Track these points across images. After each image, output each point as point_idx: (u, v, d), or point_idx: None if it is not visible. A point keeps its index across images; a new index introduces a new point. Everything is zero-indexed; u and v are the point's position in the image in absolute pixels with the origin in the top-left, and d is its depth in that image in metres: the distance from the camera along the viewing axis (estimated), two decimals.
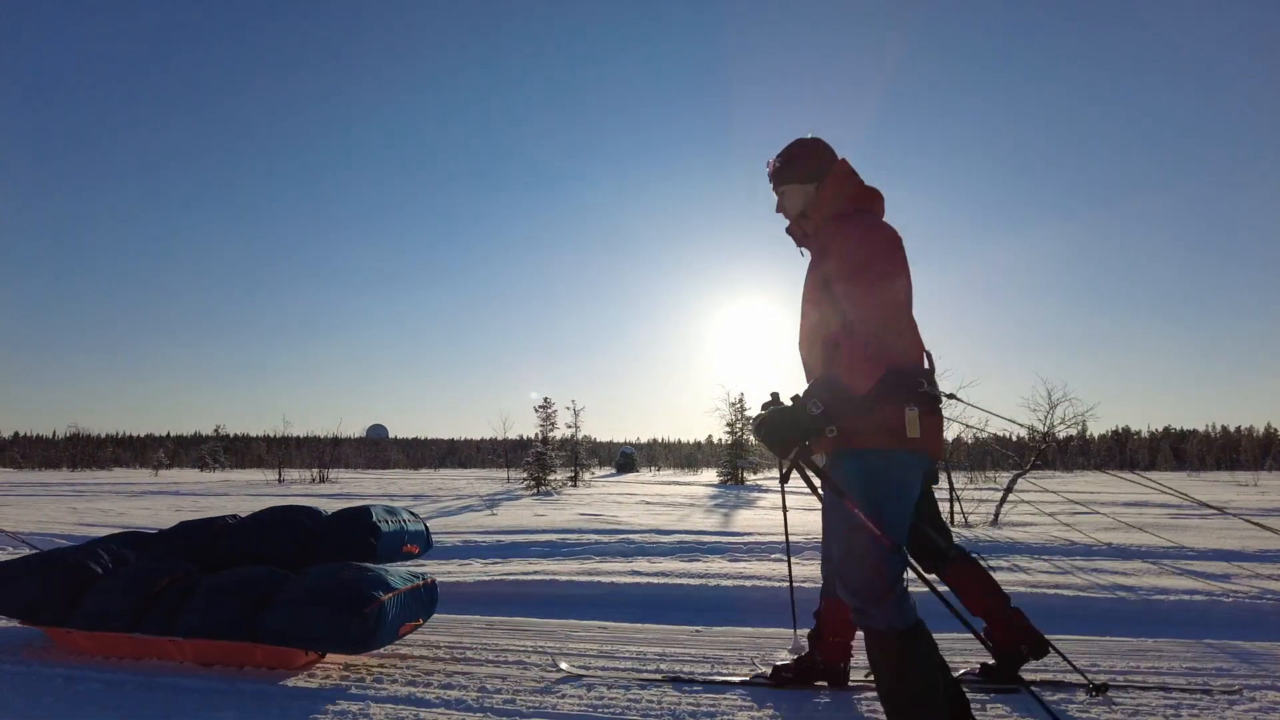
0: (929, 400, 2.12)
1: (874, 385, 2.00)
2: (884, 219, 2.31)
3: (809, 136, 2.40)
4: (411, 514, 4.15)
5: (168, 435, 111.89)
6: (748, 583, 5.37)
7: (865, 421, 2.07)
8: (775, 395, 2.34)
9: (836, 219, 2.24)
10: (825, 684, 3.11)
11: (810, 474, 2.24)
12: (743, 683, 3.12)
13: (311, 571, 3.38)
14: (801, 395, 2.10)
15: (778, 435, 2.09)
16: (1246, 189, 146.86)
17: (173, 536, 3.99)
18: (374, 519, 3.78)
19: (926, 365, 2.24)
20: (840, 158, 2.35)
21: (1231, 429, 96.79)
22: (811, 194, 2.32)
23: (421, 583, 3.56)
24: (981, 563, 3.23)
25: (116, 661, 3.35)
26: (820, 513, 2.31)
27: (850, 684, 3.10)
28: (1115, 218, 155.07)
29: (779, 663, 3.21)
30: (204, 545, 3.86)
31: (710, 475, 41.19)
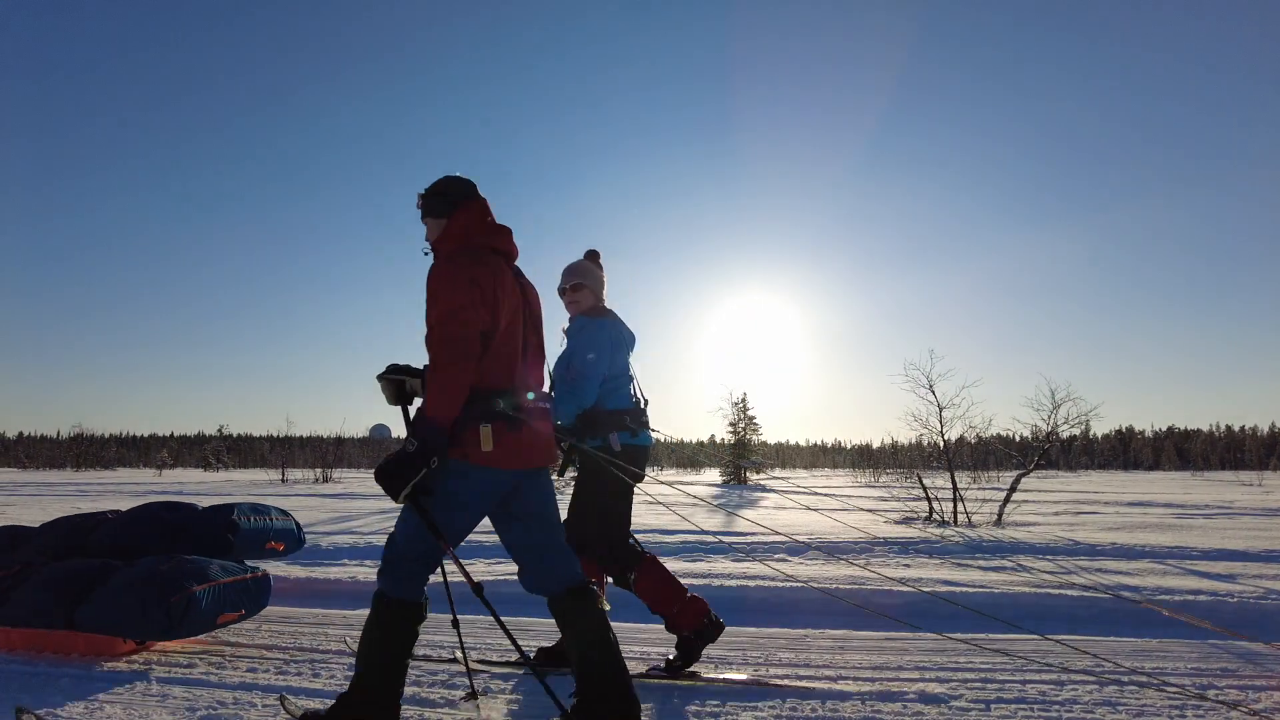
0: (505, 418, 2.34)
1: (450, 413, 2.25)
2: (503, 254, 2.53)
3: (454, 175, 2.57)
4: (282, 513, 4.38)
5: (171, 435, 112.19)
6: (751, 583, 5.37)
7: (455, 437, 2.32)
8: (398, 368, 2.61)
9: (445, 254, 2.44)
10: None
11: (423, 504, 2.35)
12: (641, 676, 3.21)
13: (139, 563, 3.53)
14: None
15: (388, 482, 2.25)
16: (1251, 189, 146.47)
17: (47, 531, 4.14)
18: (234, 516, 4.00)
19: (517, 386, 2.45)
20: (477, 198, 2.54)
21: (1236, 429, 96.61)
22: (443, 228, 2.52)
23: (249, 575, 3.75)
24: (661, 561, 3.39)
25: (120, 659, 3.36)
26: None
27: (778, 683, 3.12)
28: (1120, 217, 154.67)
29: (670, 656, 3.30)
30: (77, 540, 4.00)
31: (713, 475, 41.20)
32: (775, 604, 4.85)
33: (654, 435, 3.51)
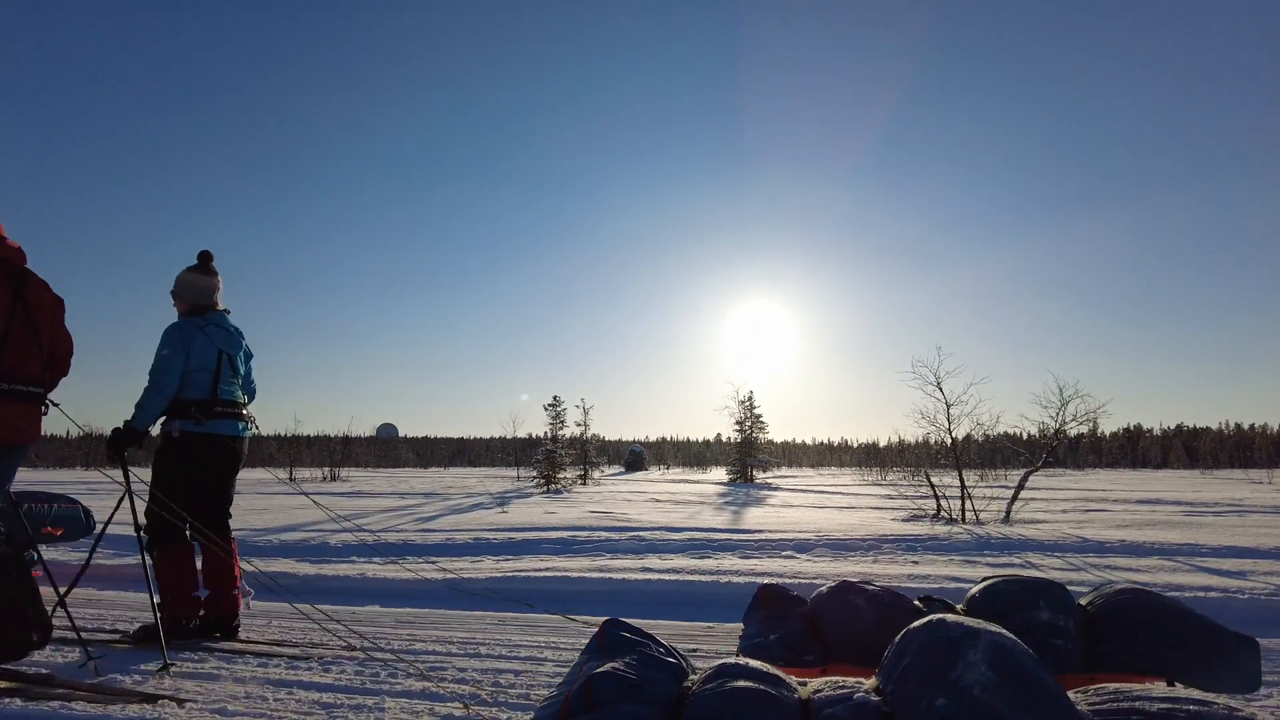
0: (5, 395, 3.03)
1: None
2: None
3: None
4: (69, 500, 4.78)
5: None
6: (759, 579, 5.37)
7: None
8: None
9: None
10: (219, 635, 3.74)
11: None
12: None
13: None
14: None
15: None
16: (1260, 185, 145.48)
17: None
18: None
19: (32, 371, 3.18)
20: None
21: (1245, 426, 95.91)
22: None
23: None
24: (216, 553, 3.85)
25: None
26: None
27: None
28: (1129, 214, 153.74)
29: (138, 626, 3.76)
30: None
31: (720, 473, 41.23)
32: None
33: (247, 428, 4.00)
